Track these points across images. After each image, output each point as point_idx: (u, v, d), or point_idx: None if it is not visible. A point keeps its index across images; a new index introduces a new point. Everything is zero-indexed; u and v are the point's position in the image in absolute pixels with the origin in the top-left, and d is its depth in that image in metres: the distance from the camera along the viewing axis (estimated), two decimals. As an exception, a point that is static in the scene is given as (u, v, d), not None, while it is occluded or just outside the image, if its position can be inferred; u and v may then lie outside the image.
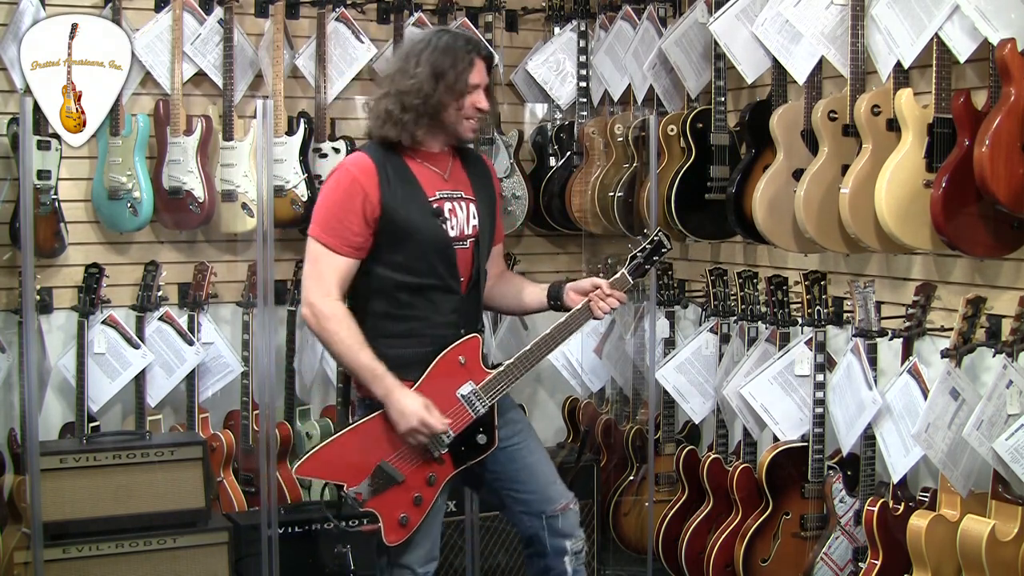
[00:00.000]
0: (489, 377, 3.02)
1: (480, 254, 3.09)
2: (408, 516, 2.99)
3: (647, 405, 4.66)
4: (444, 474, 3.03)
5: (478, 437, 3.04)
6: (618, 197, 4.64)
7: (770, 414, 3.98)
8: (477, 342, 3.04)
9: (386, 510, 2.98)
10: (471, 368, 3.02)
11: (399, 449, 2.98)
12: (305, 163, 4.67)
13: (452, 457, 3.02)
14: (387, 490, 2.96)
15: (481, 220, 3.09)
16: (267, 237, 3.84)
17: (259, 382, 4.25)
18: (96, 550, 3.85)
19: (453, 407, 3.00)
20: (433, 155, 3.08)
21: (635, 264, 3.14)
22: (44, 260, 4.45)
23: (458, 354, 3.01)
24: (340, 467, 2.97)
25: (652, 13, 4.60)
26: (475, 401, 3.01)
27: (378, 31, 4.93)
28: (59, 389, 4.56)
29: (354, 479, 2.96)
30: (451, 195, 3.06)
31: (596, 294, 3.07)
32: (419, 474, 3.00)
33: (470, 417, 3.01)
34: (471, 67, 2.98)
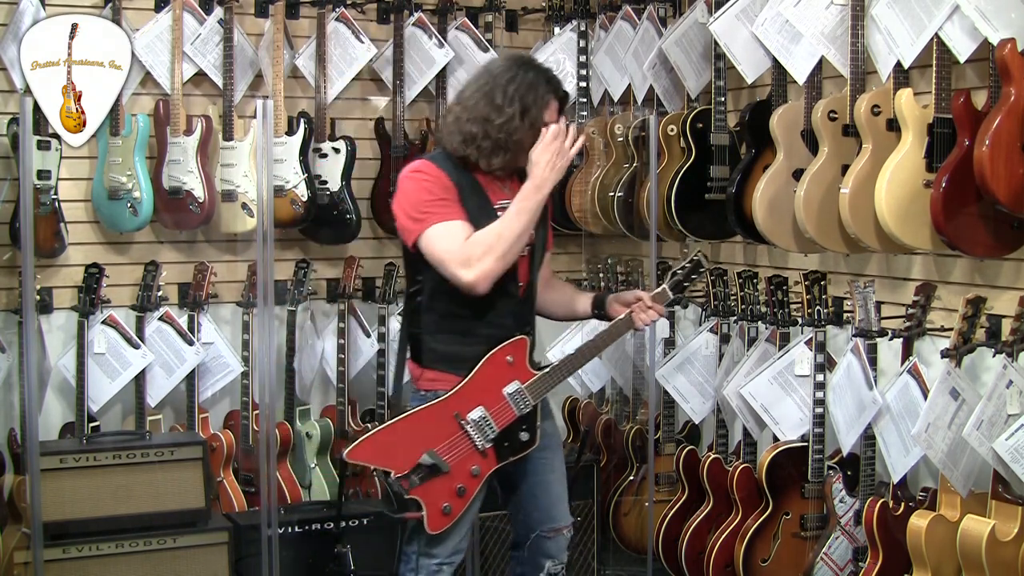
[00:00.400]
0: (534, 378, 3.15)
1: (535, 261, 3.22)
2: (451, 506, 3.11)
3: (647, 405, 4.66)
4: (487, 467, 3.14)
5: (521, 434, 3.16)
6: (618, 197, 4.64)
7: (770, 414, 3.98)
8: (525, 343, 3.16)
9: (430, 499, 3.08)
10: (518, 367, 3.14)
11: (447, 439, 3.09)
12: (305, 163, 4.67)
13: (495, 452, 3.14)
14: (432, 479, 3.07)
15: (536, 230, 3.19)
16: (267, 237, 3.84)
17: (259, 382, 4.25)
18: (96, 550, 3.85)
19: (498, 404, 3.12)
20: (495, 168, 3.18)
21: (675, 280, 3.35)
22: (44, 260, 4.45)
23: (506, 354, 3.13)
24: (389, 454, 3.08)
25: (652, 13, 4.60)
26: (520, 399, 3.13)
27: (378, 31, 4.93)
28: (59, 389, 4.56)
29: (401, 466, 3.06)
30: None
31: (638, 306, 3.23)
32: (464, 466, 3.10)
33: (514, 415, 3.13)
34: (548, 107, 3.11)
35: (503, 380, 3.12)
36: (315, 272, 4.81)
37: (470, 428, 3.09)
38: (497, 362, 3.12)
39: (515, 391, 3.12)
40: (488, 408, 3.10)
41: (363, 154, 4.89)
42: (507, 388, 3.12)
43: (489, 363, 3.11)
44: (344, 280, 4.83)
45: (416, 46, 4.85)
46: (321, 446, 4.79)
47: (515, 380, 3.12)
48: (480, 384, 3.11)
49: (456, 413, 3.09)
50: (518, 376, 3.13)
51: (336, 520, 4.15)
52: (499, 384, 3.12)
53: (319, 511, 4.35)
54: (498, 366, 3.12)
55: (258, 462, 4.30)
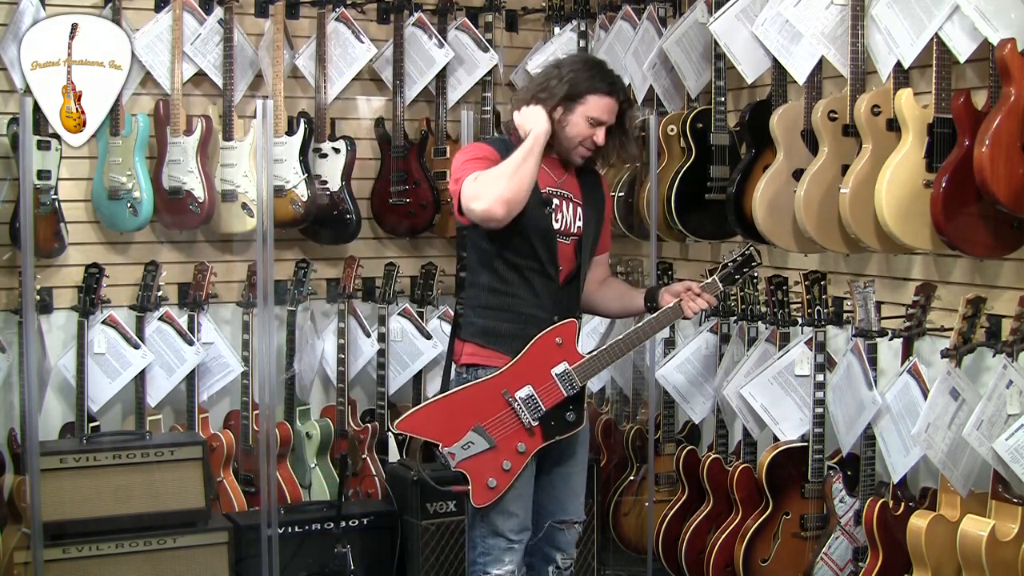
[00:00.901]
0: (583, 360, 3.20)
1: (582, 253, 3.28)
2: (496, 480, 3.16)
3: (647, 405, 4.66)
4: (533, 445, 3.19)
5: (567, 414, 3.22)
6: (618, 197, 4.64)
7: (770, 414, 3.98)
8: (574, 326, 3.22)
9: (476, 472, 3.15)
10: (567, 349, 3.20)
11: (494, 416, 3.16)
12: (305, 163, 4.67)
13: (542, 430, 3.19)
14: (479, 454, 3.14)
15: (586, 224, 3.29)
16: (267, 237, 3.84)
17: (259, 382, 4.26)
18: (96, 550, 3.86)
19: (547, 383, 3.18)
20: (549, 160, 3.25)
21: (726, 272, 3.34)
22: (44, 260, 4.45)
23: (556, 335, 3.20)
24: (437, 427, 3.17)
25: (652, 13, 4.60)
26: (568, 380, 3.19)
27: (378, 31, 4.93)
28: (59, 389, 4.56)
29: (449, 439, 3.14)
30: (561, 193, 3.25)
31: (688, 294, 3.26)
32: (510, 442, 3.16)
33: (561, 395, 3.19)
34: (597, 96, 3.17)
35: (552, 361, 3.18)
36: (315, 272, 4.81)
37: (518, 406, 3.16)
38: (547, 343, 3.18)
39: (563, 372, 3.18)
40: (536, 387, 3.17)
41: (363, 154, 4.89)
42: (556, 369, 3.18)
43: (539, 344, 3.17)
44: (344, 280, 4.83)
45: (416, 46, 4.86)
46: (321, 446, 4.79)
47: (564, 361, 3.18)
48: (530, 364, 3.17)
49: (505, 391, 3.16)
50: (567, 358, 3.19)
51: (336, 520, 4.15)
52: (548, 364, 3.18)
53: (319, 511, 4.35)
54: (548, 347, 3.18)
55: (258, 462, 4.30)
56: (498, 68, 4.98)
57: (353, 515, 4.29)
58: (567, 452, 3.32)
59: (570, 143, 3.21)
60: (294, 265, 4.78)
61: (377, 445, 4.79)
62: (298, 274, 4.76)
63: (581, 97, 3.17)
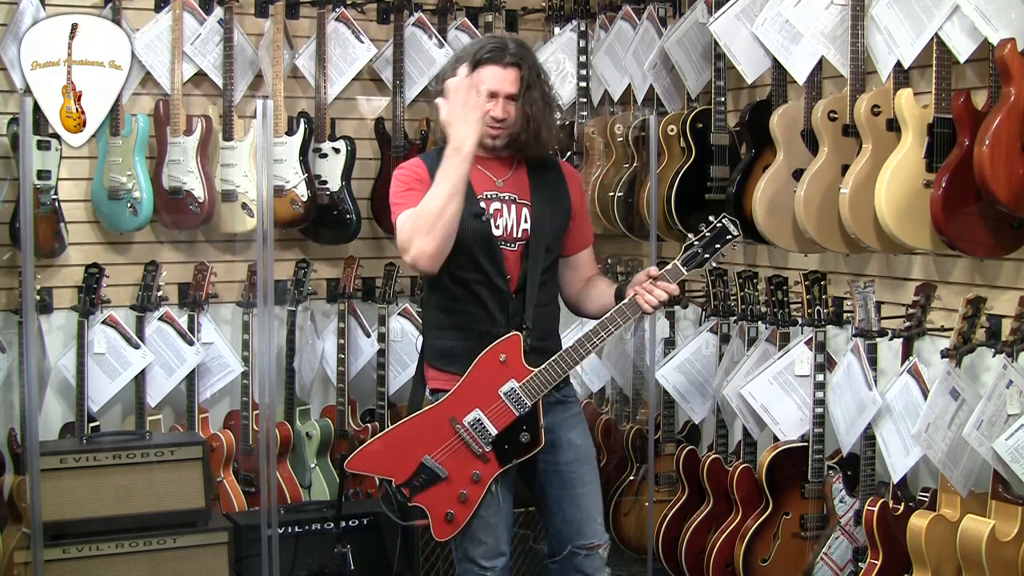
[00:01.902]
0: (530, 375, 3.02)
1: (530, 257, 3.08)
2: (454, 513, 3.03)
3: (647, 405, 4.66)
4: (489, 472, 3.04)
5: (521, 436, 3.04)
6: (618, 197, 4.63)
7: (770, 414, 3.97)
8: (517, 340, 3.03)
9: (433, 506, 3.04)
10: (512, 365, 3.03)
11: (442, 445, 3.03)
12: (305, 163, 4.67)
13: (496, 455, 3.04)
14: (432, 486, 3.02)
15: (537, 224, 3.10)
16: (267, 237, 3.84)
17: (259, 382, 4.25)
18: (96, 550, 3.85)
19: (494, 404, 3.03)
20: (488, 160, 3.11)
21: (690, 253, 3.08)
22: (44, 260, 4.45)
23: (499, 352, 3.03)
24: (387, 463, 3.05)
25: (652, 13, 4.60)
26: (516, 399, 3.02)
27: (378, 31, 4.93)
28: (59, 389, 4.56)
29: (401, 475, 3.03)
30: (500, 196, 3.09)
31: (644, 286, 3.03)
32: (464, 471, 3.03)
33: (512, 416, 3.03)
34: (479, 67, 2.99)
35: (498, 380, 3.02)
36: (315, 272, 4.81)
37: (465, 433, 3.03)
38: (490, 362, 3.02)
39: (510, 391, 3.01)
40: (484, 410, 3.02)
41: (363, 154, 4.89)
42: (503, 388, 3.02)
43: (482, 363, 3.02)
44: (344, 280, 4.83)
45: (416, 46, 4.85)
46: (321, 446, 4.79)
47: (511, 379, 3.02)
48: (475, 385, 3.02)
49: (452, 417, 3.03)
50: (514, 375, 3.01)
51: (336, 520, 4.14)
52: (494, 384, 3.02)
53: (319, 511, 4.35)
54: (492, 366, 3.02)
55: (258, 462, 4.30)
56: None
57: (353, 515, 4.28)
58: (569, 475, 3.15)
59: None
60: (294, 265, 4.78)
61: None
62: (298, 274, 4.76)
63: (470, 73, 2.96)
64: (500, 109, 3.02)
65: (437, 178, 2.90)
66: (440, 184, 2.88)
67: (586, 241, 3.30)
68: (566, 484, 3.16)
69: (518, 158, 3.15)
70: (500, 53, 3.01)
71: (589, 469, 3.21)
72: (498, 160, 3.13)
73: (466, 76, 2.94)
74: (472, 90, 2.91)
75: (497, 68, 3.01)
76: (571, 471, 3.16)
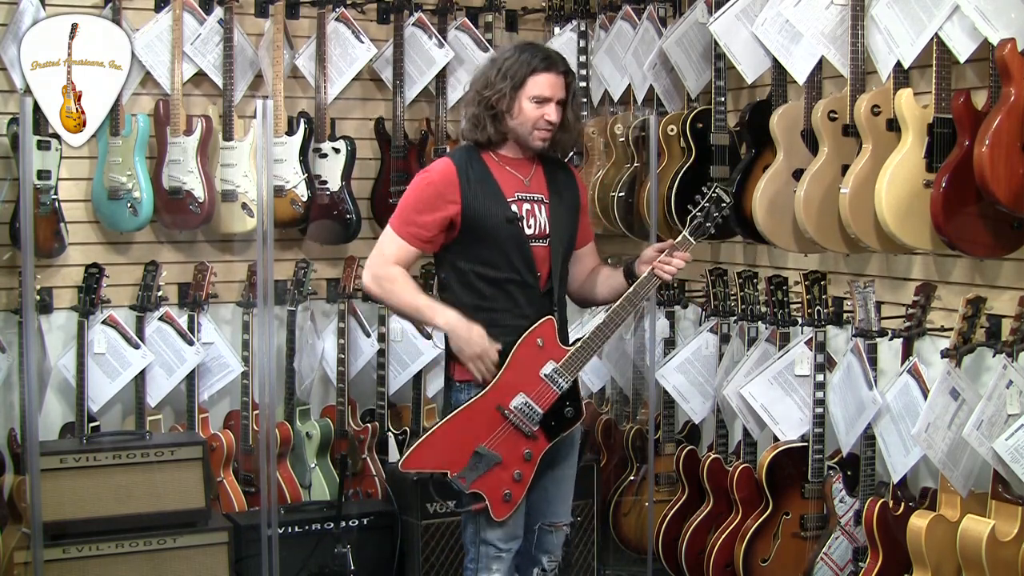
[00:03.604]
0: (568, 354, 3.17)
1: (554, 253, 3.23)
2: (511, 492, 3.17)
3: (647, 405, 4.66)
4: (539, 449, 3.19)
5: (566, 411, 3.20)
6: (618, 197, 4.63)
7: (770, 414, 3.98)
8: (551, 323, 3.18)
9: (490, 489, 3.16)
10: (549, 348, 3.17)
11: (493, 432, 3.15)
12: (305, 163, 4.67)
13: (544, 432, 3.18)
14: (488, 471, 3.14)
15: (555, 222, 3.24)
16: (267, 237, 3.84)
17: (259, 382, 4.25)
18: (96, 550, 3.85)
19: (538, 387, 3.16)
20: (514, 160, 3.25)
21: (695, 224, 3.21)
22: (44, 260, 4.45)
23: (536, 337, 3.17)
24: (442, 456, 3.15)
25: (652, 13, 4.60)
26: (558, 378, 3.16)
27: (378, 31, 4.93)
28: (59, 389, 4.56)
29: (456, 466, 3.14)
30: (530, 197, 3.23)
31: (662, 259, 3.18)
32: (516, 452, 3.16)
33: (555, 394, 3.17)
34: (533, 75, 3.14)
35: (538, 363, 3.16)
36: (315, 272, 4.81)
37: (514, 417, 3.15)
38: (528, 347, 3.15)
39: (551, 371, 3.15)
40: (528, 393, 3.15)
41: (363, 154, 4.89)
42: (543, 370, 3.15)
43: (521, 349, 3.15)
44: (344, 280, 4.83)
45: (416, 46, 4.85)
46: (321, 446, 4.79)
47: (550, 360, 3.16)
48: (516, 371, 3.15)
49: (498, 405, 3.15)
50: (552, 356, 3.16)
51: (336, 520, 4.15)
52: (535, 368, 3.16)
53: (319, 511, 4.35)
54: (530, 350, 3.16)
55: (258, 462, 4.30)
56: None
57: (353, 515, 4.28)
58: (560, 456, 3.30)
59: (525, 129, 3.17)
60: (294, 265, 4.78)
61: (377, 445, 4.79)
62: (298, 274, 4.75)
63: (522, 82, 3.14)
64: (554, 114, 3.18)
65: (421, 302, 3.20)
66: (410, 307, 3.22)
67: (589, 236, 3.46)
68: (554, 464, 3.30)
69: (536, 158, 3.29)
70: (552, 62, 3.18)
71: (575, 455, 3.39)
72: (524, 161, 3.27)
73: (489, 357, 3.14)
74: (488, 364, 3.14)
75: (552, 76, 3.17)
76: (562, 454, 3.31)
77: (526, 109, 3.15)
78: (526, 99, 3.14)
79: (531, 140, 3.19)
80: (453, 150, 3.33)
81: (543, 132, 3.18)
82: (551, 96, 3.16)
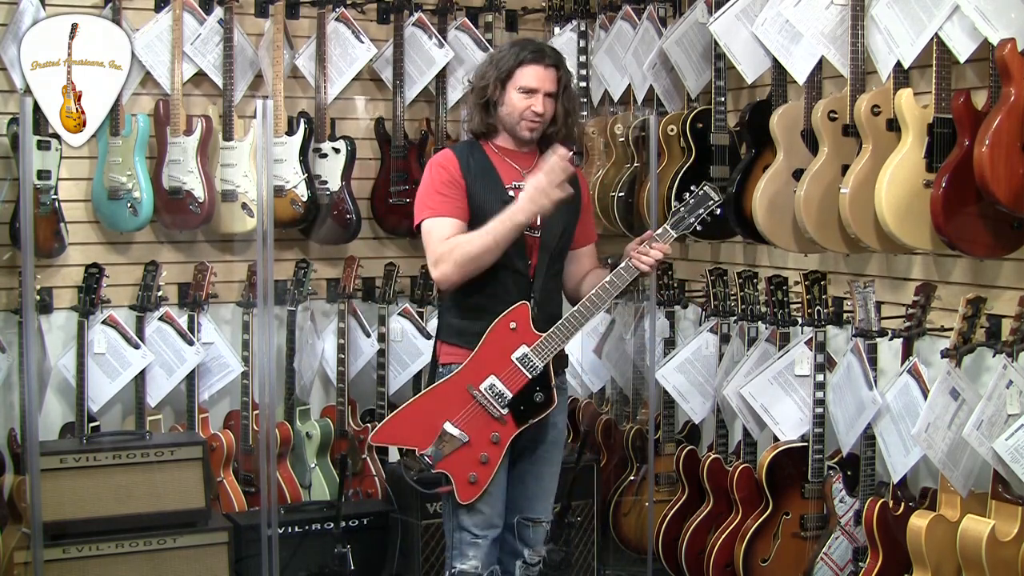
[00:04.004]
0: (540, 339, 3.18)
1: (546, 246, 3.26)
2: (477, 475, 3.19)
3: (647, 405, 4.66)
4: (508, 433, 3.20)
5: (535, 396, 3.20)
6: (618, 197, 4.64)
7: (770, 414, 3.98)
8: (526, 308, 3.20)
9: (456, 470, 3.18)
10: (522, 332, 3.19)
11: (462, 411, 3.18)
12: (305, 163, 4.67)
13: (514, 417, 3.20)
14: (454, 452, 3.16)
15: (550, 217, 3.23)
16: (267, 237, 3.84)
17: (259, 382, 4.25)
18: (96, 550, 3.85)
19: (508, 369, 3.18)
20: (514, 153, 3.30)
21: (677, 218, 3.23)
22: (44, 260, 4.45)
23: (509, 320, 3.19)
24: (411, 433, 3.20)
25: (652, 13, 4.60)
26: (528, 363, 3.18)
27: (378, 31, 4.93)
28: (59, 389, 4.56)
29: (424, 443, 3.17)
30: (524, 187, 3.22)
31: (640, 248, 3.20)
32: (483, 434, 3.18)
33: (525, 378, 3.18)
34: (521, 66, 3.20)
35: (510, 347, 3.18)
36: (315, 272, 4.81)
37: (482, 397, 3.17)
38: (501, 330, 3.18)
39: (523, 355, 3.17)
40: (499, 375, 3.17)
41: (363, 154, 4.89)
42: (515, 354, 3.18)
43: (494, 332, 3.18)
44: (344, 280, 4.83)
45: (416, 46, 4.86)
46: (321, 446, 4.79)
47: (522, 344, 3.18)
48: (488, 354, 3.18)
49: (469, 385, 3.17)
50: (524, 340, 3.18)
51: (336, 520, 4.15)
52: (507, 351, 3.18)
53: (319, 511, 4.35)
54: (503, 334, 3.18)
55: (258, 462, 4.30)
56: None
57: (353, 515, 4.28)
58: (541, 453, 3.34)
59: (512, 119, 3.22)
60: (294, 265, 4.78)
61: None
62: (298, 274, 4.76)
63: (510, 73, 3.20)
64: (540, 104, 3.21)
65: (490, 226, 3.10)
66: (487, 235, 3.11)
67: (590, 237, 3.47)
68: (537, 461, 3.34)
69: (536, 152, 3.32)
70: (541, 55, 3.23)
71: (558, 452, 3.41)
72: (522, 154, 3.30)
73: (568, 163, 3.09)
74: (565, 175, 3.08)
75: (540, 68, 3.21)
76: (545, 451, 3.35)
77: (514, 99, 3.20)
78: (514, 90, 3.20)
79: (519, 130, 3.24)
80: (454, 146, 3.39)
81: (530, 123, 3.22)
82: (538, 87, 3.20)
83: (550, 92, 3.22)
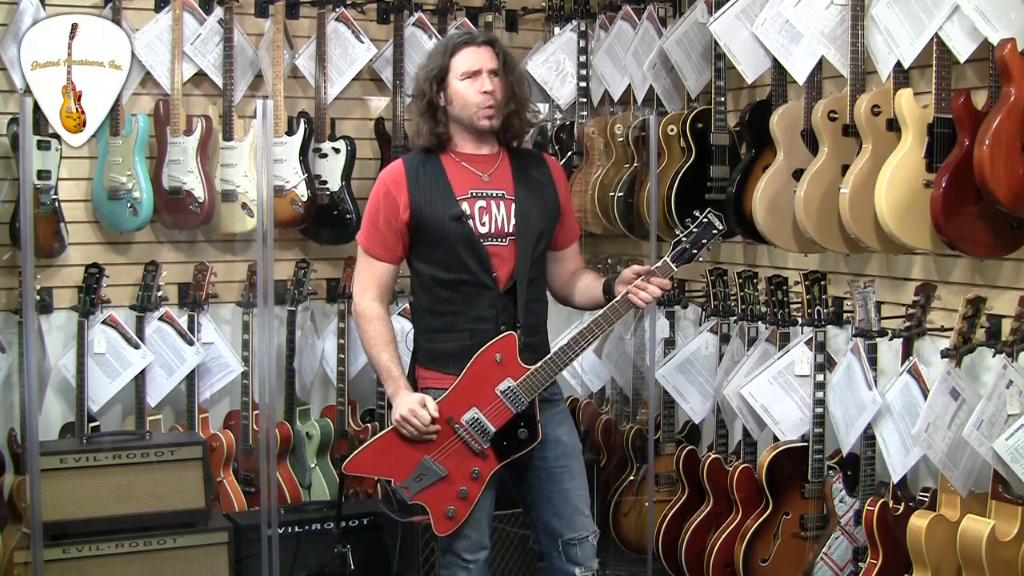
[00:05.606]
0: (527, 373, 3.07)
1: (519, 253, 3.12)
2: (455, 509, 3.09)
3: (647, 405, 4.66)
4: (488, 468, 3.10)
5: (519, 432, 3.10)
6: (618, 197, 4.64)
7: (770, 414, 3.97)
8: (512, 339, 3.08)
9: (433, 503, 3.10)
10: (508, 365, 3.08)
11: (442, 444, 3.08)
12: (305, 163, 4.67)
13: (495, 452, 3.10)
14: (432, 484, 3.08)
15: (522, 219, 3.14)
16: (267, 237, 3.84)
17: (259, 382, 4.25)
18: (96, 550, 3.85)
19: (492, 403, 3.07)
20: (474, 156, 3.18)
21: (679, 250, 3.10)
22: (44, 260, 4.45)
23: (495, 352, 3.08)
24: (386, 463, 3.11)
25: (652, 13, 4.60)
26: (513, 397, 3.07)
27: (378, 31, 4.93)
28: (59, 389, 4.56)
29: (400, 475, 3.09)
30: (486, 194, 3.14)
31: (637, 284, 3.06)
32: (463, 468, 3.08)
33: (510, 413, 3.07)
34: (455, 55, 3.11)
35: (495, 379, 3.06)
36: (315, 272, 4.81)
37: (463, 432, 3.07)
38: (486, 361, 3.07)
39: (507, 389, 3.06)
40: (482, 409, 3.07)
41: (363, 154, 4.89)
42: (500, 387, 3.06)
43: (478, 363, 3.07)
44: (344, 280, 4.83)
45: (416, 46, 4.85)
46: (321, 446, 4.79)
47: (507, 378, 3.06)
48: (471, 385, 3.07)
49: (449, 417, 3.07)
50: (509, 373, 3.06)
51: (336, 520, 4.15)
52: (491, 383, 3.06)
53: (319, 511, 4.35)
54: (488, 365, 3.07)
55: (258, 462, 4.30)
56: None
57: (353, 515, 4.28)
58: (558, 471, 3.20)
59: (469, 112, 3.10)
60: (294, 265, 4.78)
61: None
62: (298, 274, 4.76)
63: (447, 66, 3.11)
64: (488, 82, 3.10)
65: (378, 359, 3.14)
66: (373, 359, 3.17)
67: (572, 236, 3.36)
68: (555, 480, 3.20)
69: (502, 152, 3.21)
70: (470, 36, 3.17)
71: (576, 464, 3.26)
72: (483, 156, 3.18)
73: (431, 421, 3.07)
74: (416, 431, 3.07)
75: (473, 48, 3.12)
76: (560, 466, 3.21)
77: (460, 90, 3.09)
78: (456, 80, 3.10)
79: (477, 121, 3.11)
80: (406, 157, 3.26)
81: (487, 109, 3.10)
82: (479, 67, 3.09)
83: (492, 69, 3.10)
